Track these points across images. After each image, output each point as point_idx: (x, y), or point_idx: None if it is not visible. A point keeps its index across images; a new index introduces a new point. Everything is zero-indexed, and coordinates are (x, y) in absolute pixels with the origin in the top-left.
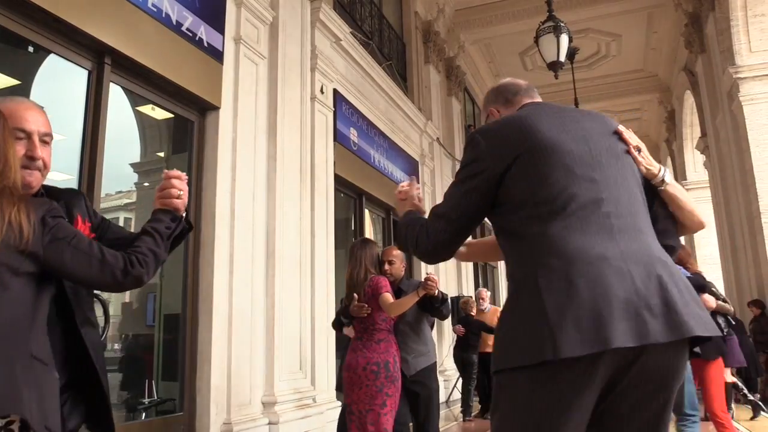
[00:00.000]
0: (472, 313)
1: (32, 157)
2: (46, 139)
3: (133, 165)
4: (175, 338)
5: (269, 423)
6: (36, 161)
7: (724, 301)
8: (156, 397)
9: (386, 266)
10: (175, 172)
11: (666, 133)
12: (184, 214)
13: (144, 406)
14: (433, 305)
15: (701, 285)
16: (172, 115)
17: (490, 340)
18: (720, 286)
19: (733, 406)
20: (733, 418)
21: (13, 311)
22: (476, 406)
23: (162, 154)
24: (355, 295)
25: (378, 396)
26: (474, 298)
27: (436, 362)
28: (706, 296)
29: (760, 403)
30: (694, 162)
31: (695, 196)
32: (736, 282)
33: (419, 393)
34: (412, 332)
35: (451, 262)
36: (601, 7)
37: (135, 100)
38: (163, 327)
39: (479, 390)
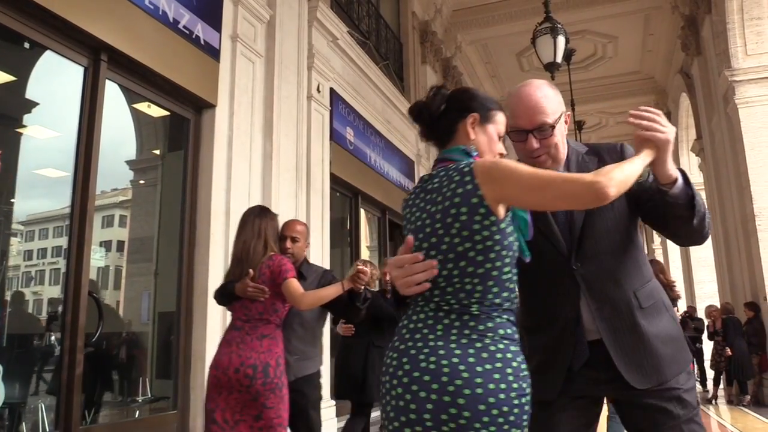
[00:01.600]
0: None
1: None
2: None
3: (128, 162)
4: (169, 336)
5: None
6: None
7: None
8: (150, 395)
9: (288, 243)
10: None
11: None
12: None
13: (138, 404)
14: (353, 303)
15: None
16: (168, 113)
17: None
18: (714, 288)
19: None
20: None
21: None
22: None
23: (158, 152)
24: (251, 271)
25: (252, 406)
26: None
27: (320, 370)
28: None
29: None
30: (690, 164)
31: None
32: (731, 284)
33: (297, 402)
34: (303, 330)
35: None
36: (598, 8)
37: (131, 97)
38: (158, 325)
39: None
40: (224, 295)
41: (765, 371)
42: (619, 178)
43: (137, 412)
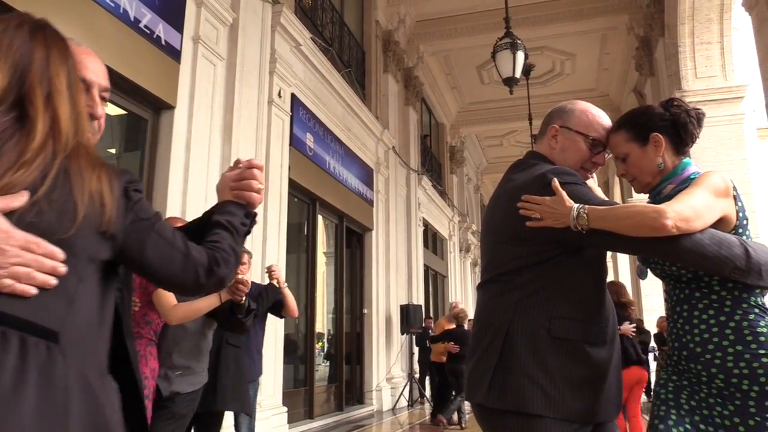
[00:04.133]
0: (464, 325)
1: (92, 115)
2: (105, 95)
3: None
4: None
5: None
6: (94, 121)
7: None
8: None
9: None
10: (257, 162)
11: None
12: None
13: None
14: (234, 315)
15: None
16: (125, 112)
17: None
18: (660, 302)
19: None
20: None
21: (89, 311)
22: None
23: (113, 151)
24: None
25: None
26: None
27: (202, 387)
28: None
29: None
30: None
31: None
32: None
33: (162, 417)
34: (186, 342)
35: (403, 268)
36: (558, 26)
37: None
38: None
39: (438, 395)
40: None
41: None
42: None
43: None
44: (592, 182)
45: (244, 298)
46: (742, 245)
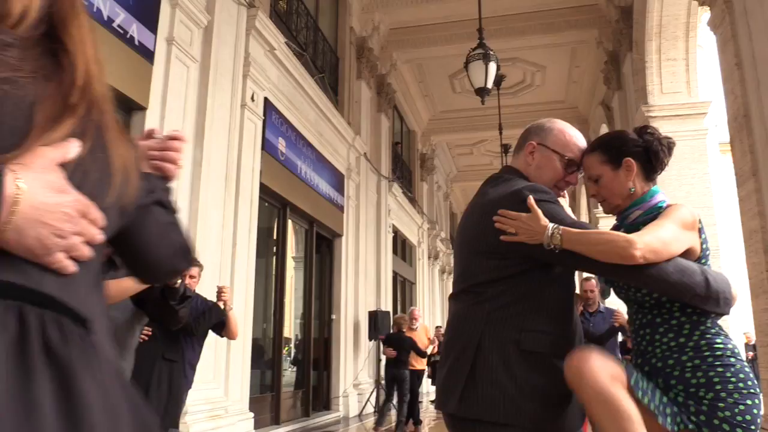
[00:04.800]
0: (404, 330)
1: None
2: None
3: None
4: None
5: None
6: None
7: None
8: None
9: None
10: (179, 134)
11: None
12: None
13: None
14: (166, 303)
15: None
16: None
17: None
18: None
19: None
20: None
21: (102, 296)
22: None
23: None
24: None
25: None
26: (407, 316)
27: None
28: None
29: None
30: None
31: (605, 225)
32: None
33: None
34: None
35: (372, 274)
36: (530, 38)
37: None
38: None
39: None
40: None
41: None
42: None
43: None
44: (564, 201)
45: (179, 282)
46: (702, 274)
